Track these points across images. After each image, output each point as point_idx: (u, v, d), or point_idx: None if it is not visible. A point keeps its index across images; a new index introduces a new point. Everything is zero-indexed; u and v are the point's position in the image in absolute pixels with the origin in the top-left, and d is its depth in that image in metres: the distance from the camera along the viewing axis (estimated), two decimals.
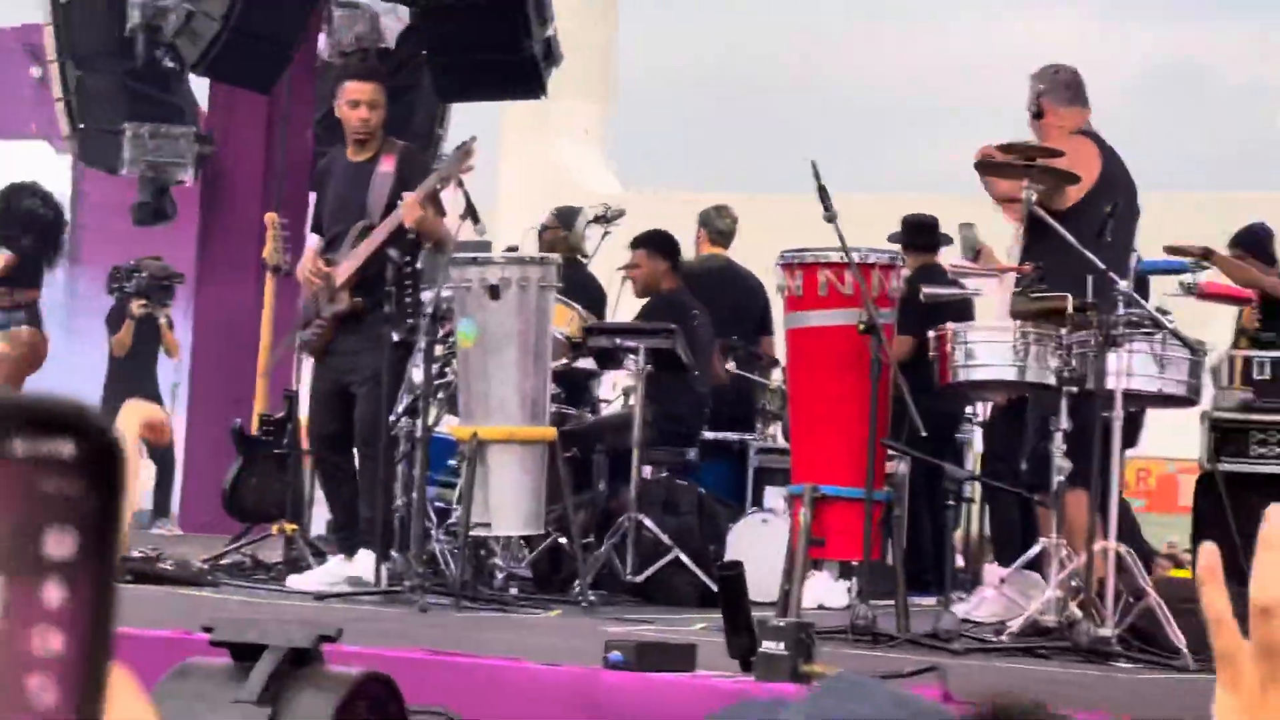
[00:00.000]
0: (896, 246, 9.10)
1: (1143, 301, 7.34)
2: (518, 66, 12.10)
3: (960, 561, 10.32)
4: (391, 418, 8.61)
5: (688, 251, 11.44)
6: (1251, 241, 10.12)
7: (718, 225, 11.55)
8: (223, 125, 13.33)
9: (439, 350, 8.77)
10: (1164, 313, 7.44)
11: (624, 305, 10.74)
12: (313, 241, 9.05)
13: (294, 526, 9.37)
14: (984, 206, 9.70)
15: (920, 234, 10.78)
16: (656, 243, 10.60)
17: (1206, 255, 10.05)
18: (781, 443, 10.31)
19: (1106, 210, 7.48)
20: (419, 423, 8.48)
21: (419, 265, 8.40)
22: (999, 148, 7.62)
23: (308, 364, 9.44)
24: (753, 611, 5.70)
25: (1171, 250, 10.09)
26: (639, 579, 8.84)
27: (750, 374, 11.08)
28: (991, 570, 8.41)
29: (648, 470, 9.47)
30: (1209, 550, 1.15)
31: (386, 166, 8.70)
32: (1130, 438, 9.28)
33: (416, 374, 8.69)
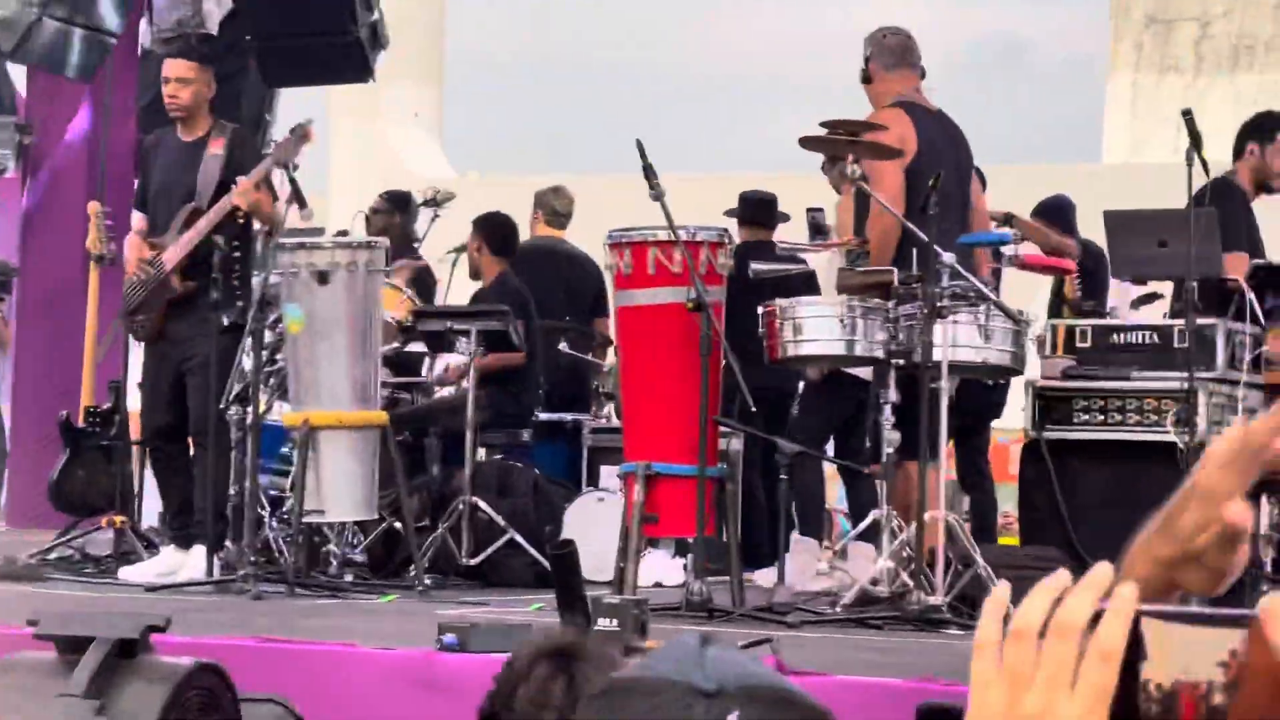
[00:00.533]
0: (725, 224, 9.11)
1: (966, 273, 7.42)
2: (344, 50, 12.01)
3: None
4: (222, 405, 8.53)
5: (524, 233, 11.46)
6: (1054, 211, 10.35)
7: (553, 206, 11.55)
8: (43, 114, 13.11)
9: (268, 336, 8.69)
10: (987, 282, 7.54)
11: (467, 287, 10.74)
12: (136, 220, 8.94)
13: (123, 519, 9.24)
14: (823, 185, 9.80)
15: (758, 210, 10.84)
16: (484, 226, 10.60)
17: (1008, 220, 10.21)
18: (616, 422, 10.32)
19: (930, 183, 7.56)
20: (249, 410, 8.40)
21: (254, 250, 8.35)
22: (822, 124, 7.66)
23: (136, 355, 9.34)
24: (587, 590, 5.72)
25: None
26: (475, 562, 8.81)
27: (584, 355, 11.10)
28: (803, 542, 8.49)
29: (482, 453, 9.47)
30: (997, 593, 1.19)
31: (216, 149, 8.62)
32: (995, 409, 9.42)
33: (247, 361, 8.61)
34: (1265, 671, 1.13)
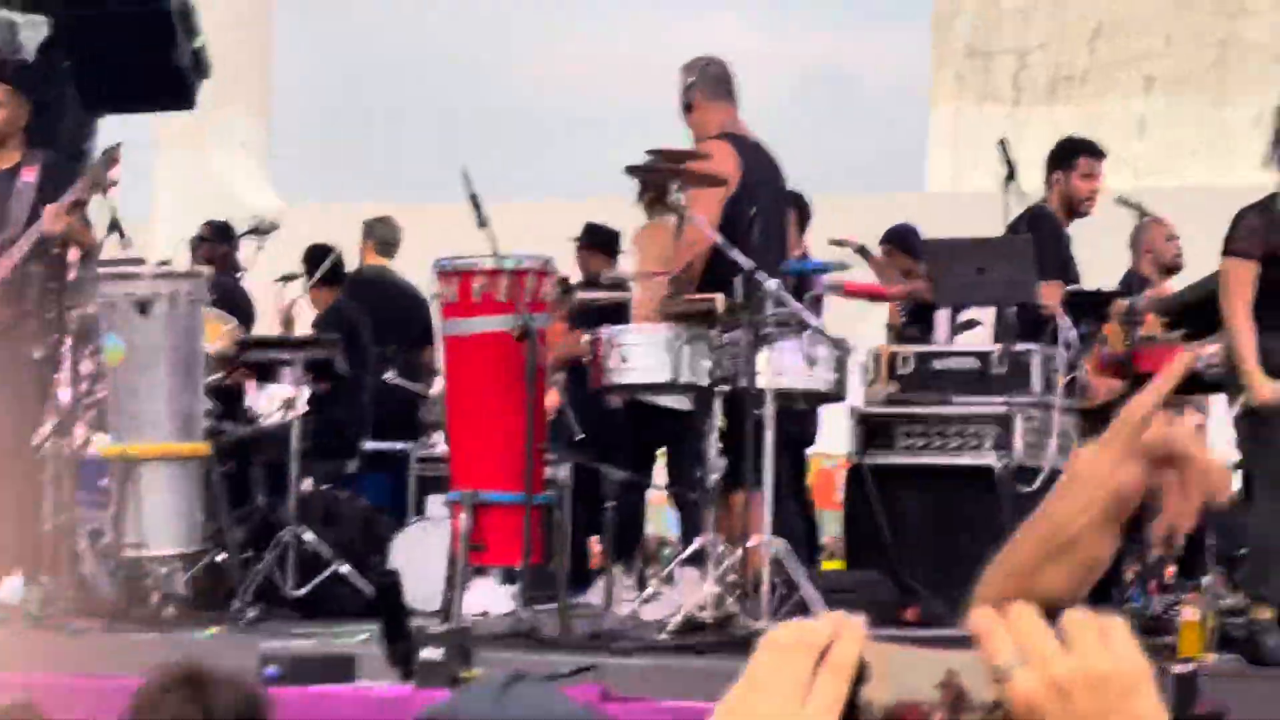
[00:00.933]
0: (549, 253, 9.14)
1: (790, 300, 7.48)
2: (166, 78, 11.92)
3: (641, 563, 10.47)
4: (37, 439, 8.38)
5: (353, 262, 11.43)
6: (900, 239, 10.50)
7: (381, 236, 11.55)
8: None
9: (87, 367, 8.56)
10: (811, 311, 7.60)
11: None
12: None
13: None
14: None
15: (598, 237, 10.91)
16: (306, 258, 10.57)
17: (863, 251, 10.35)
18: (443, 451, 10.31)
19: (751, 211, 7.61)
20: (67, 443, 8.27)
21: (70, 278, 8.22)
22: (648, 151, 7.70)
23: None
24: (414, 620, 5.68)
25: (834, 242, 10.37)
26: (301, 593, 8.72)
27: (411, 383, 11.06)
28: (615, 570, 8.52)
29: (308, 483, 9.39)
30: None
31: (28, 177, 8.48)
32: (810, 435, 9.51)
33: (63, 393, 8.48)
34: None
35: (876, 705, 1.18)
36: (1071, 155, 9.31)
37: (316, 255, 10.70)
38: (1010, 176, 7.88)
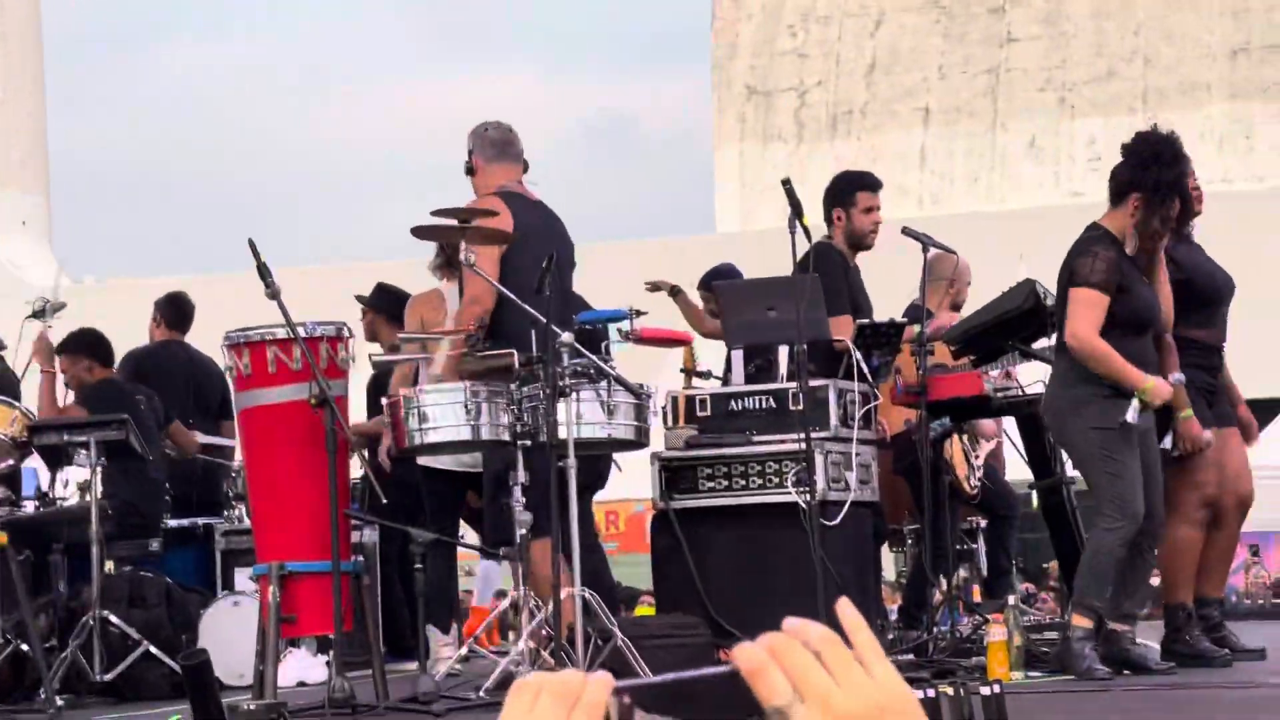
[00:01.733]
0: (342, 319, 9.11)
1: (585, 351, 7.51)
2: None
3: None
4: None
5: (143, 338, 11.30)
6: (719, 280, 10.52)
7: (172, 311, 11.41)
8: None
9: None
10: (606, 360, 7.62)
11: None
12: None
13: None
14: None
15: (386, 299, 10.85)
16: (72, 345, 10.41)
17: (675, 292, 10.40)
18: (248, 524, 10.22)
19: (544, 265, 7.64)
20: None
21: None
22: (433, 212, 7.70)
23: None
24: (224, 696, 5.63)
25: (649, 286, 10.42)
26: (109, 677, 8.60)
27: (213, 458, 10.95)
28: (431, 631, 8.48)
29: (110, 565, 9.25)
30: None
31: None
32: (600, 480, 9.51)
33: None
34: None
35: None
36: (849, 191, 9.43)
37: (71, 343, 10.59)
38: (796, 214, 7.96)
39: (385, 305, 10.74)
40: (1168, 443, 8.09)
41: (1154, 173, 7.80)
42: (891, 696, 1.22)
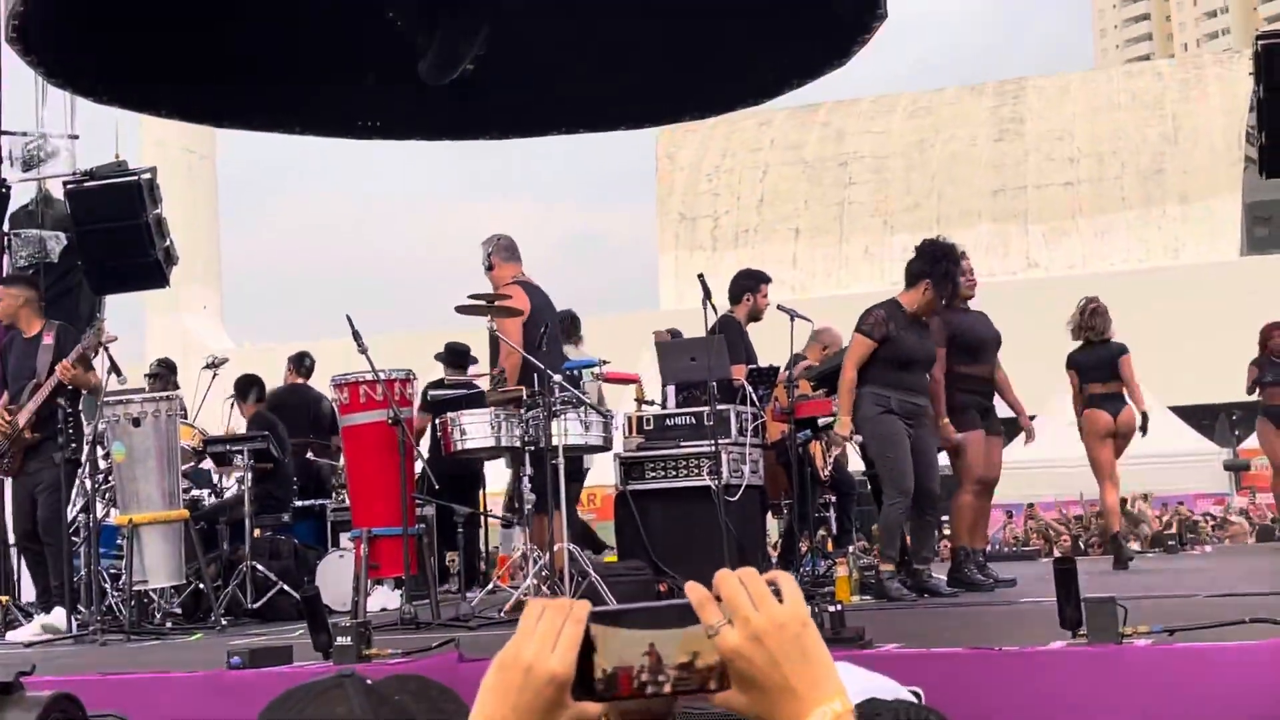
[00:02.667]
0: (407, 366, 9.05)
1: (570, 387, 7.48)
2: (146, 268, 11.62)
3: (483, 567, 10.38)
4: (71, 514, 8.15)
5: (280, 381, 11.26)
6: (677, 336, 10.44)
7: (299, 364, 11.40)
8: None
9: (102, 464, 8.35)
10: (583, 393, 7.60)
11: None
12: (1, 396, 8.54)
13: (7, 598, 8.74)
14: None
15: (455, 356, 10.88)
16: (238, 386, 10.43)
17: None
18: (348, 503, 10.15)
19: (541, 331, 7.62)
20: (91, 516, 8.03)
21: (80, 408, 8.01)
22: (469, 296, 7.66)
23: (8, 483, 8.85)
24: (329, 618, 5.56)
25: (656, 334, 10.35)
26: (256, 606, 8.55)
27: (326, 459, 10.90)
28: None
29: (256, 531, 9.18)
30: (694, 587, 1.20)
31: (48, 340, 8.30)
32: (582, 475, 9.47)
33: (88, 483, 8.23)
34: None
35: (600, 669, 1.17)
36: (756, 284, 9.47)
37: (242, 382, 10.56)
38: (706, 296, 7.97)
39: (446, 357, 10.74)
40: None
41: (941, 267, 7.82)
42: (791, 617, 1.19)
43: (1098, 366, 10.05)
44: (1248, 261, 39.44)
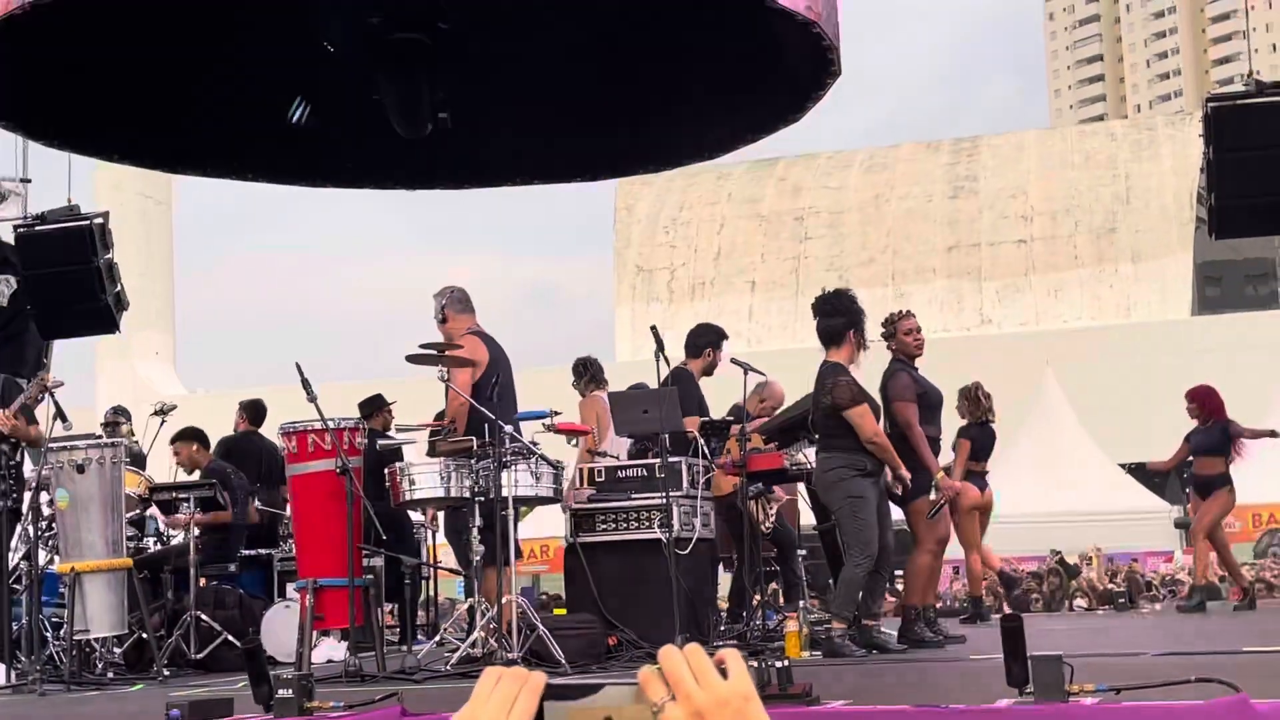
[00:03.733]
0: (356, 414, 8.95)
1: (520, 437, 7.45)
2: (96, 313, 11.51)
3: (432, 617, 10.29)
4: (13, 561, 8.02)
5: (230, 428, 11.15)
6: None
7: (252, 411, 11.32)
8: None
9: (45, 510, 8.22)
10: (534, 444, 7.56)
11: None
12: None
13: None
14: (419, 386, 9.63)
15: (367, 407, 10.86)
16: (186, 435, 10.34)
17: None
18: (295, 553, 10.05)
19: (493, 381, 7.59)
20: (33, 563, 7.91)
21: (20, 458, 7.92)
22: (421, 345, 7.63)
23: None
24: (274, 669, 5.49)
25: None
26: (200, 656, 8.44)
27: (274, 509, 10.80)
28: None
29: (203, 580, 9.07)
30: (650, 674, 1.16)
31: None
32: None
33: (30, 530, 8.11)
34: None
35: None
36: (718, 340, 9.48)
37: (185, 434, 10.48)
38: (660, 349, 7.97)
39: (366, 409, 10.73)
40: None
41: (855, 310, 7.90)
42: (733, 693, 1.16)
43: (985, 447, 10.90)
44: (1199, 321, 39.94)
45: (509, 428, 7.31)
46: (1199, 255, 44.00)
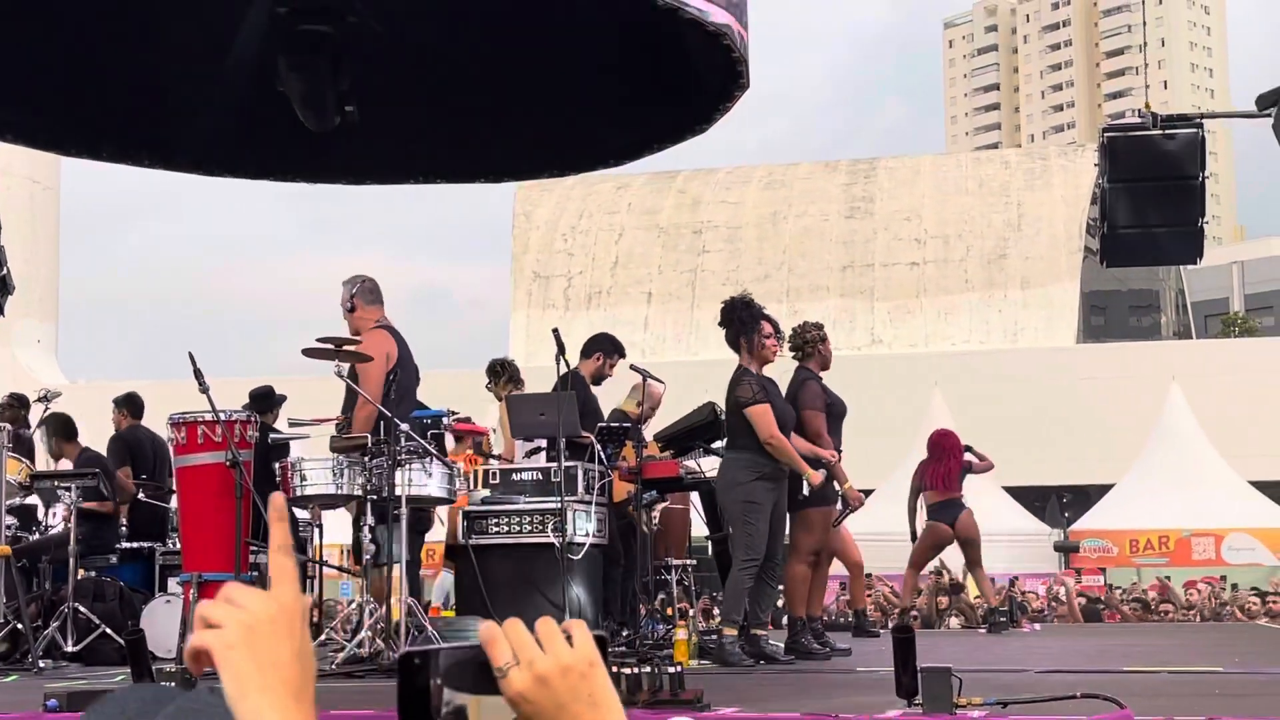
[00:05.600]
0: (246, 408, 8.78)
1: (417, 437, 7.39)
2: None
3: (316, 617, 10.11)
4: None
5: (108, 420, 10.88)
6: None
7: (131, 406, 11.04)
8: None
9: None
10: (431, 444, 7.50)
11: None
12: None
13: None
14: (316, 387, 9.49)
15: (259, 401, 10.62)
16: (53, 426, 10.05)
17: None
18: (179, 546, 9.83)
19: (391, 379, 7.51)
20: None
21: None
22: (318, 339, 7.52)
23: None
24: (154, 664, 5.37)
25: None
26: (77, 649, 8.22)
27: (159, 501, 10.56)
28: None
29: (81, 572, 8.85)
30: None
31: None
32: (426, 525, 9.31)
33: None
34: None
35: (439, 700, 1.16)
36: (612, 351, 9.45)
37: (52, 424, 10.19)
38: (560, 352, 7.95)
39: (257, 405, 10.50)
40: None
41: (751, 316, 7.97)
42: (577, 659, 1.15)
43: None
44: (1083, 349, 40.81)
45: (405, 426, 7.24)
46: (1086, 284, 44.98)
